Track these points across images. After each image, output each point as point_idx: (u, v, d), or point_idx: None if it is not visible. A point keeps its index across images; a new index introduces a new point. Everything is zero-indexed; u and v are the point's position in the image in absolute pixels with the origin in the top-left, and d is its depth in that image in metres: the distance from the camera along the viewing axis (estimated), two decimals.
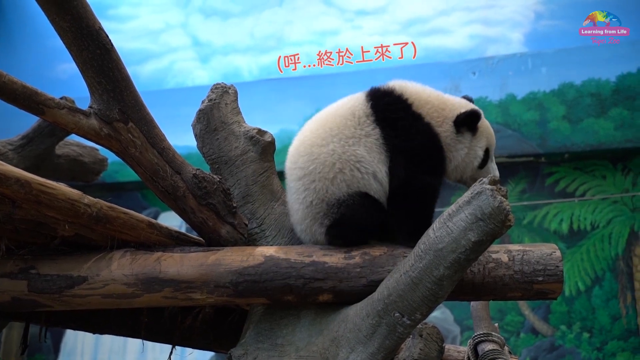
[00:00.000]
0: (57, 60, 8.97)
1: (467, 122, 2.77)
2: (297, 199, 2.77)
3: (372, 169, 2.68)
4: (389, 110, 2.73)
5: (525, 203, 7.57)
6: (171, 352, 3.33)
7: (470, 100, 2.94)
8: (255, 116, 3.30)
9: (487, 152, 2.86)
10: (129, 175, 6.78)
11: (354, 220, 2.66)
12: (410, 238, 2.61)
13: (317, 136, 2.76)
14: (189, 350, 3.65)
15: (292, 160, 2.81)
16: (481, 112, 2.81)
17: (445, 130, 2.76)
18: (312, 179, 2.72)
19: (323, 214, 2.71)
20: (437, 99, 2.81)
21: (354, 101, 2.79)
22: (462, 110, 2.80)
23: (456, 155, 2.78)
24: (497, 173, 2.86)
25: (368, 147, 2.69)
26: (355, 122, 2.72)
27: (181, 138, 4.17)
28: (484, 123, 2.86)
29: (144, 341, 3.33)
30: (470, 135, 2.81)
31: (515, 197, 7.57)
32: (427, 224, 2.58)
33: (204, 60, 9.11)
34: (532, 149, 7.45)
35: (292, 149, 2.84)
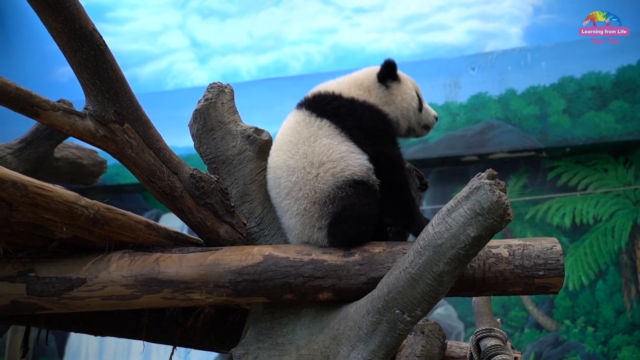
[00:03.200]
0: (56, 63, 8.98)
1: (388, 72, 3.00)
2: (291, 215, 2.79)
3: (344, 147, 2.77)
4: (324, 102, 2.90)
5: (527, 198, 7.55)
6: (172, 353, 3.32)
7: (388, 63, 3.07)
8: (254, 116, 3.30)
9: (418, 96, 3.09)
10: (130, 177, 6.77)
11: (352, 211, 2.67)
12: (403, 217, 2.78)
13: (284, 153, 2.84)
14: (194, 352, 3.65)
15: (276, 185, 2.85)
16: (391, 60, 3.03)
17: (375, 97, 2.99)
18: (299, 187, 2.76)
19: (318, 216, 2.72)
20: (353, 81, 3.03)
21: (291, 115, 2.96)
22: (378, 69, 3.04)
23: (396, 108, 2.99)
24: (434, 112, 3.13)
25: (328, 135, 2.80)
26: (304, 125, 2.85)
27: (181, 139, 4.18)
28: (402, 74, 3.09)
29: (148, 343, 3.33)
30: (397, 83, 3.03)
31: (517, 192, 7.56)
32: (409, 195, 2.78)
33: (203, 61, 9.10)
34: (533, 143, 7.43)
35: (270, 177, 2.90)
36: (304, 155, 2.78)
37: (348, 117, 2.84)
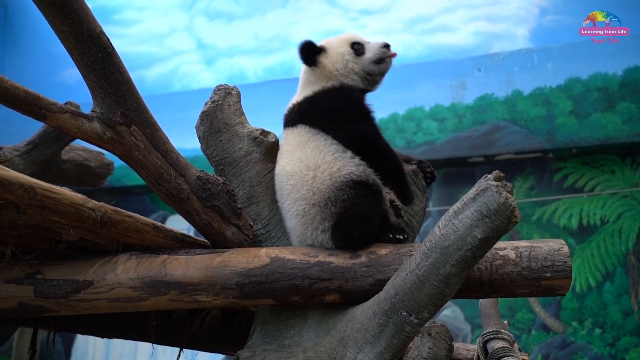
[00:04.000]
0: (63, 65, 9.01)
1: (307, 54, 3.05)
2: (291, 216, 2.82)
3: (334, 147, 2.83)
4: (292, 114, 3.00)
5: (533, 199, 7.54)
6: (179, 355, 3.33)
7: (301, 48, 3.09)
8: (261, 117, 3.30)
9: (353, 44, 3.06)
10: (136, 179, 6.78)
11: (354, 211, 2.68)
12: (395, 185, 2.86)
13: (283, 160, 2.91)
14: (200, 353, 3.65)
15: (279, 188, 2.90)
16: (304, 41, 3.07)
17: (318, 81, 3.03)
18: (298, 189, 2.80)
19: (320, 218, 2.73)
20: (300, 85, 3.12)
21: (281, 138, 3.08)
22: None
23: (336, 75, 3.01)
24: (379, 43, 3.06)
25: (312, 138, 2.87)
26: (290, 137, 2.94)
27: (188, 141, 4.18)
28: (326, 40, 3.13)
29: (155, 345, 3.33)
30: (324, 55, 3.04)
31: (523, 194, 7.54)
32: (395, 161, 2.86)
33: (209, 63, 9.12)
34: (540, 144, 7.42)
35: (275, 182, 2.94)
36: (299, 160, 2.84)
37: (312, 112, 2.92)
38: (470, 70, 7.73)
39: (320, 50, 3.06)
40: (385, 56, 3.05)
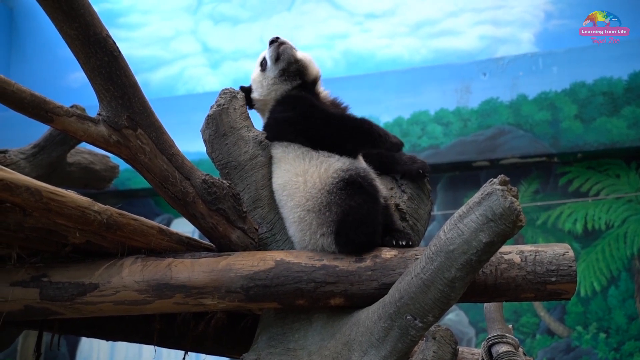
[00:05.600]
0: (69, 69, 9.03)
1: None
2: (290, 224, 2.86)
3: (313, 152, 2.89)
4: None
5: (538, 203, 7.52)
6: (184, 358, 3.33)
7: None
8: None
9: (260, 64, 3.24)
10: (141, 182, 6.79)
11: (352, 216, 2.70)
12: (369, 142, 2.94)
13: (274, 177, 2.96)
14: (206, 356, 3.65)
15: (278, 200, 2.93)
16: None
17: (264, 111, 3.15)
18: (292, 197, 2.84)
19: (317, 224, 2.75)
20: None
21: None
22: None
23: (268, 97, 3.13)
24: (267, 45, 3.25)
25: (285, 149, 2.93)
26: (273, 155, 2.98)
27: (193, 144, 4.19)
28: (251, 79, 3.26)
29: (159, 348, 3.33)
30: (252, 91, 3.19)
31: (528, 198, 7.53)
32: (356, 122, 2.95)
33: (215, 66, 9.13)
34: (545, 149, 7.39)
35: (275, 200, 2.96)
36: (287, 171, 2.88)
37: (275, 129, 3.02)
38: (475, 74, 7.72)
39: (250, 89, 3.20)
40: (277, 51, 3.20)
